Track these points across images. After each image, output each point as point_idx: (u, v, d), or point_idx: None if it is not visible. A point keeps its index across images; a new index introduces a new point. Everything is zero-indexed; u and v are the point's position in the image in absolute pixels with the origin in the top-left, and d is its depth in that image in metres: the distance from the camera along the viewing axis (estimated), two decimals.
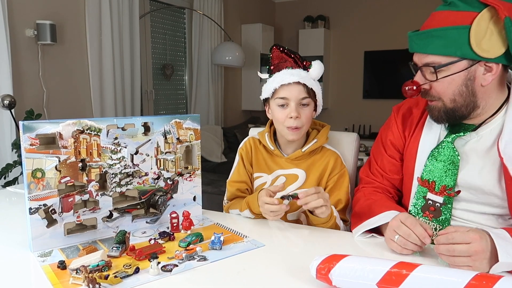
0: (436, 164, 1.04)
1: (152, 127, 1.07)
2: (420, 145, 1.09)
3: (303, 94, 1.22)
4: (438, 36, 0.92)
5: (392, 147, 1.18)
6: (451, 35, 0.90)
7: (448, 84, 0.95)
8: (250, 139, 1.40)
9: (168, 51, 4.12)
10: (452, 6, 0.91)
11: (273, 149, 1.32)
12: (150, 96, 3.88)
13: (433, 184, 1.04)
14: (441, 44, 0.92)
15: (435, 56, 0.94)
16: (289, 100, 1.22)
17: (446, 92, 0.96)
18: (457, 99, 0.96)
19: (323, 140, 1.32)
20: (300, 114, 1.22)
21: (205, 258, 0.91)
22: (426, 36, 0.94)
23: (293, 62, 1.26)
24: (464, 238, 0.81)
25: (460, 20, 0.89)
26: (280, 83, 1.22)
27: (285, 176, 1.31)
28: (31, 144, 0.90)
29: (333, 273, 0.74)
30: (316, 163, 1.31)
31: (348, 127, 5.46)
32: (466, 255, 0.80)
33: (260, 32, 4.94)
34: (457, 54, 0.91)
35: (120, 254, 0.91)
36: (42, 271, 0.84)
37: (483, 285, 0.65)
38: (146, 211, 1.10)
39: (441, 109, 0.99)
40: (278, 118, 1.26)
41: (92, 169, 0.99)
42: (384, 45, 5.09)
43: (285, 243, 1.01)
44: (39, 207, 0.93)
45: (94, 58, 3.06)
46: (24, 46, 2.65)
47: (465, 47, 0.90)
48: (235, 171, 1.39)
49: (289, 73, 1.22)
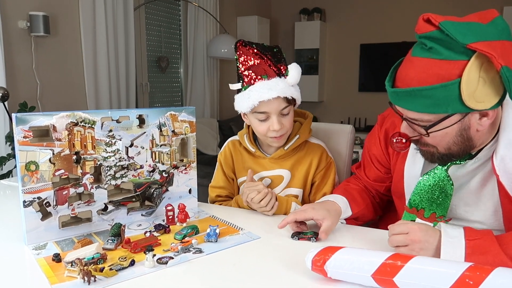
0: (426, 193, 0.97)
1: (147, 119, 1.06)
2: (406, 168, 1.04)
3: (283, 105, 1.14)
4: (425, 96, 0.80)
5: (377, 161, 1.14)
6: (439, 94, 0.79)
7: (441, 137, 0.86)
8: (229, 143, 1.35)
9: (163, 44, 4.08)
10: (434, 53, 0.79)
11: (254, 151, 1.27)
12: (145, 89, 3.86)
13: (422, 211, 0.99)
14: (428, 103, 0.80)
15: (423, 114, 0.83)
16: (270, 113, 1.15)
17: (439, 143, 0.88)
18: (452, 148, 0.88)
19: (306, 135, 1.26)
20: (282, 123, 1.16)
21: (201, 251, 0.91)
22: (410, 95, 0.82)
23: (265, 66, 1.14)
24: (402, 229, 0.84)
25: (447, 73, 0.77)
26: (258, 99, 1.11)
27: (270, 177, 1.27)
28: (25, 136, 0.89)
29: (329, 265, 0.75)
30: (301, 161, 1.26)
31: (344, 120, 5.46)
32: (403, 244, 0.83)
33: (256, 24, 4.92)
34: (448, 112, 0.81)
35: (116, 246, 0.90)
36: (37, 264, 0.84)
37: (476, 276, 0.66)
38: (141, 203, 1.09)
39: (434, 155, 0.91)
40: (259, 131, 1.19)
41: (86, 162, 0.98)
42: (380, 38, 5.08)
43: (281, 235, 1.02)
44: (33, 200, 0.92)
45: (88, 50, 3.03)
46: (17, 38, 2.62)
47: (456, 103, 0.79)
48: (215, 176, 1.38)
49: (267, 87, 1.11)
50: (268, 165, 1.27)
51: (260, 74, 1.13)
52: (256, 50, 1.14)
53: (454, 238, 0.79)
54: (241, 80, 1.17)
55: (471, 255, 0.77)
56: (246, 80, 1.16)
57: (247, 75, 1.15)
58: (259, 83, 1.13)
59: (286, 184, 1.26)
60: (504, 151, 0.87)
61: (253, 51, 1.14)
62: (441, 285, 0.67)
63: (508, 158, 0.87)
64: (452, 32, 0.76)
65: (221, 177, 1.35)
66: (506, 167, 0.87)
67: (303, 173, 1.26)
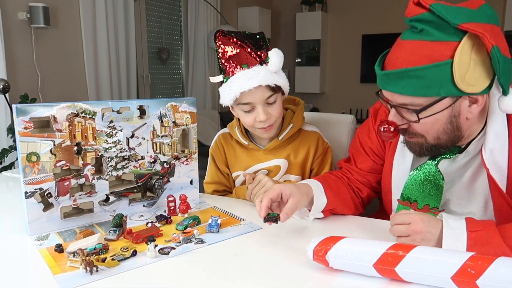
0: (417, 186, 0.97)
1: (148, 110, 1.06)
2: (394, 163, 1.02)
3: (267, 94, 1.10)
4: (417, 77, 0.79)
5: (373, 153, 1.11)
6: (431, 74, 0.78)
7: (432, 124, 0.84)
8: (220, 137, 1.31)
9: (164, 35, 4.06)
10: (425, 35, 0.79)
11: (246, 143, 1.23)
12: (146, 81, 3.85)
13: (415, 203, 0.98)
14: (421, 85, 0.79)
15: (414, 98, 0.82)
16: (254, 104, 1.11)
17: (428, 131, 0.86)
18: (441, 137, 0.87)
19: (300, 123, 1.23)
20: (269, 113, 1.12)
21: (202, 241, 0.91)
22: (402, 76, 0.80)
23: (246, 54, 1.10)
24: (404, 219, 0.82)
25: (439, 54, 0.77)
26: (240, 90, 1.08)
27: (266, 169, 1.24)
28: (25, 127, 0.89)
29: (330, 255, 0.75)
30: (297, 149, 1.23)
31: (345, 111, 5.44)
32: (405, 235, 0.81)
33: (257, 15, 4.89)
34: (440, 94, 0.80)
35: (117, 237, 0.91)
36: (39, 254, 0.84)
37: (478, 266, 0.66)
38: (143, 194, 1.10)
39: (423, 146, 0.89)
40: (246, 122, 1.16)
41: (87, 153, 0.98)
42: (382, 29, 5.04)
43: (282, 226, 1.02)
44: (35, 191, 0.92)
45: (89, 42, 3.02)
46: (17, 29, 2.61)
47: (448, 85, 0.78)
48: (209, 172, 1.34)
49: (247, 77, 1.07)
50: (263, 157, 1.24)
51: (240, 64, 1.10)
52: (235, 39, 1.10)
53: (455, 229, 0.78)
54: (223, 72, 1.14)
55: (472, 246, 0.76)
56: (227, 71, 1.12)
57: (227, 66, 1.11)
58: (239, 73, 1.09)
59: (284, 172, 1.24)
60: (492, 144, 0.86)
61: (233, 40, 1.10)
62: (443, 274, 0.67)
63: (497, 151, 0.86)
64: (444, 13, 0.76)
65: (216, 173, 1.31)
66: (495, 160, 0.87)
67: (301, 161, 1.24)
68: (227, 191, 1.34)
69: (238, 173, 1.28)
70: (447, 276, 0.67)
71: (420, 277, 0.70)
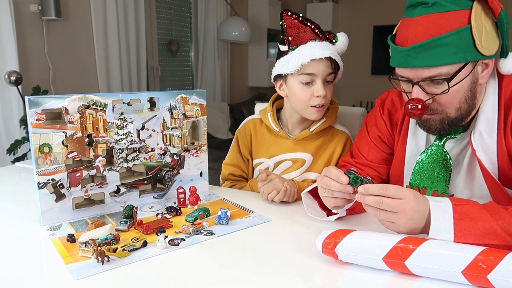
0: (426, 171, 0.98)
1: (158, 102, 1.06)
2: (407, 150, 1.02)
3: (329, 70, 1.13)
4: (444, 45, 0.81)
5: (382, 143, 1.10)
6: (456, 40, 0.81)
7: (456, 93, 0.86)
8: (250, 122, 1.31)
9: (174, 27, 4.06)
10: (438, 7, 0.82)
11: (277, 130, 1.24)
12: (156, 73, 3.86)
13: (424, 190, 0.99)
14: (448, 53, 0.82)
15: (441, 67, 0.83)
16: (316, 76, 1.12)
17: (452, 101, 0.87)
18: (462, 107, 0.88)
19: (333, 120, 1.24)
20: (326, 91, 1.13)
21: (212, 233, 0.91)
22: (429, 47, 0.82)
23: (312, 33, 1.14)
24: (396, 193, 0.77)
25: (456, 22, 0.81)
26: (310, 57, 1.09)
27: (291, 160, 1.24)
28: (38, 119, 0.90)
29: (339, 248, 0.75)
30: (324, 146, 1.23)
31: (356, 103, 5.41)
32: (393, 210, 0.76)
33: (267, 6, 4.84)
34: (467, 59, 0.83)
35: (128, 228, 0.92)
36: (52, 244, 0.86)
37: (490, 260, 0.65)
38: (153, 186, 1.10)
39: (445, 121, 0.90)
40: (301, 97, 1.15)
41: (98, 144, 0.99)
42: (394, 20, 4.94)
43: (292, 218, 1.02)
44: (47, 181, 0.94)
45: (99, 34, 3.03)
46: (29, 21, 2.63)
47: (471, 50, 0.82)
48: (230, 153, 1.35)
49: (319, 46, 1.10)
50: (291, 147, 1.24)
51: (310, 38, 1.13)
52: (301, 18, 1.14)
53: (441, 202, 0.77)
54: (288, 42, 1.15)
55: (460, 220, 0.74)
56: (294, 41, 1.13)
57: (296, 36, 1.13)
58: (310, 43, 1.12)
59: (307, 168, 1.24)
60: (482, 127, 0.90)
61: (299, 19, 1.14)
62: (454, 268, 0.67)
63: (485, 134, 0.90)
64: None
65: (236, 155, 1.33)
66: (483, 143, 0.90)
67: (326, 159, 1.23)
68: (243, 176, 1.35)
69: (261, 160, 1.28)
70: (458, 270, 0.67)
71: (430, 271, 0.69)
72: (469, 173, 0.96)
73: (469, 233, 0.73)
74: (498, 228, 0.72)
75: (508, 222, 0.72)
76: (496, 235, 0.72)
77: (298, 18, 1.14)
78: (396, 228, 0.78)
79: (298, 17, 1.14)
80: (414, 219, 0.76)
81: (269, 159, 1.26)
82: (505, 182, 0.90)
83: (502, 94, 0.90)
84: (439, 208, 0.76)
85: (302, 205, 1.03)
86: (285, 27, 1.14)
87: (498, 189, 0.91)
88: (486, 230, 0.72)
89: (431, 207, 0.76)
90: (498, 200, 0.90)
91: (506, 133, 0.88)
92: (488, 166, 0.90)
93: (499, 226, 0.72)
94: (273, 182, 1.11)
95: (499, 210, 0.75)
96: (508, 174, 0.89)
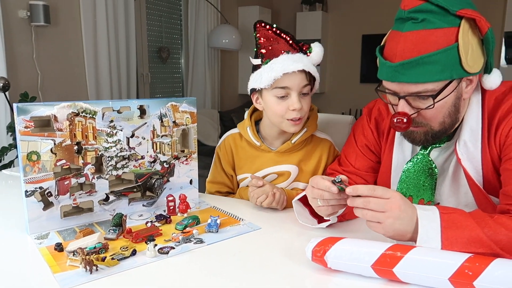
0: (412, 179, 0.99)
1: (148, 110, 1.06)
2: (394, 159, 1.04)
3: (304, 82, 1.11)
4: (431, 62, 0.83)
5: (369, 151, 1.11)
6: (443, 58, 0.82)
7: (441, 108, 0.88)
8: (229, 137, 1.28)
9: (164, 34, 4.06)
10: (428, 24, 0.83)
11: (259, 144, 1.21)
12: (146, 80, 3.85)
13: (410, 199, 0.99)
14: (435, 70, 0.83)
15: (428, 84, 0.85)
16: (291, 90, 1.10)
17: (437, 116, 0.89)
18: (446, 121, 0.90)
19: (313, 128, 1.22)
20: (301, 104, 1.11)
21: (202, 241, 0.91)
22: (416, 64, 0.83)
23: (287, 44, 1.12)
24: (384, 193, 0.77)
25: (444, 40, 0.82)
26: (282, 71, 1.07)
27: (276, 173, 1.22)
28: (26, 126, 0.90)
29: (329, 256, 0.75)
30: (308, 156, 1.22)
31: (345, 111, 5.45)
32: (380, 209, 0.76)
33: (257, 14, 4.88)
34: (452, 77, 0.84)
35: (117, 236, 0.91)
36: (39, 253, 0.85)
37: (476, 267, 0.66)
38: (142, 194, 1.10)
39: (428, 133, 0.92)
40: (276, 111, 1.13)
41: (88, 152, 0.98)
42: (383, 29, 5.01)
43: (281, 226, 1.02)
44: (35, 190, 0.93)
45: (89, 40, 3.02)
46: (17, 27, 2.61)
47: (457, 67, 0.84)
48: (212, 170, 1.32)
49: (292, 59, 1.08)
50: (274, 160, 1.22)
51: (283, 49, 1.11)
52: (275, 29, 1.14)
53: (429, 211, 0.78)
54: (261, 56, 1.13)
55: (447, 228, 0.75)
56: (267, 54, 1.12)
57: (269, 49, 1.12)
58: (283, 56, 1.10)
59: (294, 179, 1.23)
60: (466, 137, 0.92)
61: (273, 30, 1.13)
62: (441, 275, 0.68)
63: (470, 143, 0.92)
64: (442, 2, 0.82)
65: (219, 173, 1.30)
66: (468, 152, 0.92)
67: (312, 169, 1.22)
68: (230, 192, 1.33)
69: (245, 175, 1.26)
70: (444, 277, 0.68)
71: (417, 278, 0.70)
72: (454, 182, 0.98)
73: (455, 241, 0.74)
74: (484, 236, 0.73)
75: (493, 230, 0.74)
76: (482, 243, 0.73)
77: (272, 29, 1.13)
78: (384, 229, 0.77)
79: (272, 28, 1.13)
80: (401, 220, 0.76)
81: (253, 174, 1.23)
82: (490, 190, 0.92)
83: (485, 104, 0.92)
84: (427, 216, 0.77)
85: (292, 213, 1.03)
86: (259, 39, 1.13)
87: (483, 197, 0.92)
88: (472, 239, 0.73)
89: (418, 215, 0.77)
90: (483, 208, 0.92)
91: (490, 142, 0.90)
92: (473, 175, 0.92)
93: (485, 234, 0.73)
94: (264, 187, 1.11)
95: (485, 218, 0.76)
96: (493, 182, 0.91)
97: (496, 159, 0.90)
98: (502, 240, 0.73)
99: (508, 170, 0.85)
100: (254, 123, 1.25)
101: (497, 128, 0.89)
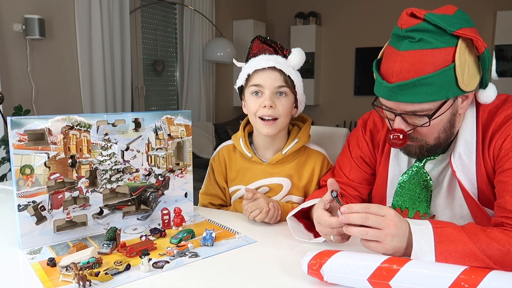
0: (407, 192, 1.00)
1: (143, 123, 1.06)
2: (390, 171, 1.05)
3: (279, 82, 1.11)
4: (427, 84, 0.83)
5: (364, 163, 1.12)
6: (440, 80, 0.83)
7: (437, 125, 0.89)
8: (223, 149, 1.28)
9: (159, 47, 4.09)
10: (425, 44, 0.83)
11: (250, 156, 1.20)
12: (141, 92, 3.85)
13: (406, 211, 1.01)
14: (431, 91, 0.84)
15: (424, 104, 0.86)
16: (263, 87, 1.12)
17: (432, 132, 0.91)
18: (441, 136, 0.92)
19: (305, 139, 1.20)
20: (275, 104, 1.11)
21: (197, 255, 0.90)
22: (413, 86, 0.84)
23: (272, 50, 1.16)
24: (379, 211, 0.78)
25: (441, 60, 0.83)
26: (254, 68, 1.12)
27: (268, 186, 1.21)
28: (20, 140, 0.89)
29: (325, 269, 0.75)
30: (301, 168, 1.21)
31: (339, 123, 5.48)
32: (378, 227, 0.77)
33: (251, 28, 4.94)
34: (448, 96, 0.85)
35: (111, 251, 0.90)
36: (31, 268, 0.83)
37: (472, 279, 0.66)
38: (137, 207, 1.09)
39: (423, 148, 0.93)
40: (250, 108, 1.15)
41: (82, 166, 0.98)
42: (376, 42, 5.11)
43: (277, 239, 1.02)
44: (28, 204, 0.92)
45: (84, 54, 3.03)
46: (12, 41, 2.61)
47: (453, 87, 0.84)
48: (206, 182, 1.32)
49: (265, 58, 1.13)
50: (266, 172, 1.21)
51: (264, 52, 1.16)
52: (267, 41, 1.18)
53: (422, 225, 0.78)
54: (247, 60, 1.19)
55: (440, 242, 0.75)
56: (250, 57, 1.18)
57: (254, 53, 1.18)
58: (260, 56, 1.15)
59: (287, 192, 1.21)
60: (461, 149, 0.93)
61: (266, 41, 1.18)
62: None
63: (464, 155, 0.93)
64: (439, 22, 0.82)
65: (213, 185, 1.29)
66: (463, 164, 0.93)
67: (305, 182, 1.21)
68: (223, 205, 1.32)
69: (237, 187, 1.25)
70: None
71: None
72: (449, 194, 0.98)
73: (449, 255, 0.74)
74: (477, 251, 0.73)
75: (486, 245, 0.74)
76: (475, 257, 0.73)
77: (266, 41, 1.17)
78: (384, 247, 0.77)
79: (266, 40, 1.17)
80: (398, 236, 0.77)
81: (245, 186, 1.22)
82: (485, 202, 0.92)
83: (479, 117, 0.93)
84: (420, 231, 0.77)
85: (287, 226, 1.03)
86: (250, 49, 1.19)
87: (478, 209, 0.93)
88: (465, 253, 0.74)
89: (412, 230, 0.77)
90: (478, 220, 0.92)
91: (484, 154, 0.91)
92: (468, 187, 0.93)
93: (478, 249, 0.74)
94: (258, 201, 1.09)
95: (477, 233, 0.76)
96: (487, 194, 0.92)
97: (491, 171, 0.91)
98: (494, 254, 0.73)
99: (502, 182, 0.86)
100: (248, 135, 1.25)
101: (491, 140, 0.90)
